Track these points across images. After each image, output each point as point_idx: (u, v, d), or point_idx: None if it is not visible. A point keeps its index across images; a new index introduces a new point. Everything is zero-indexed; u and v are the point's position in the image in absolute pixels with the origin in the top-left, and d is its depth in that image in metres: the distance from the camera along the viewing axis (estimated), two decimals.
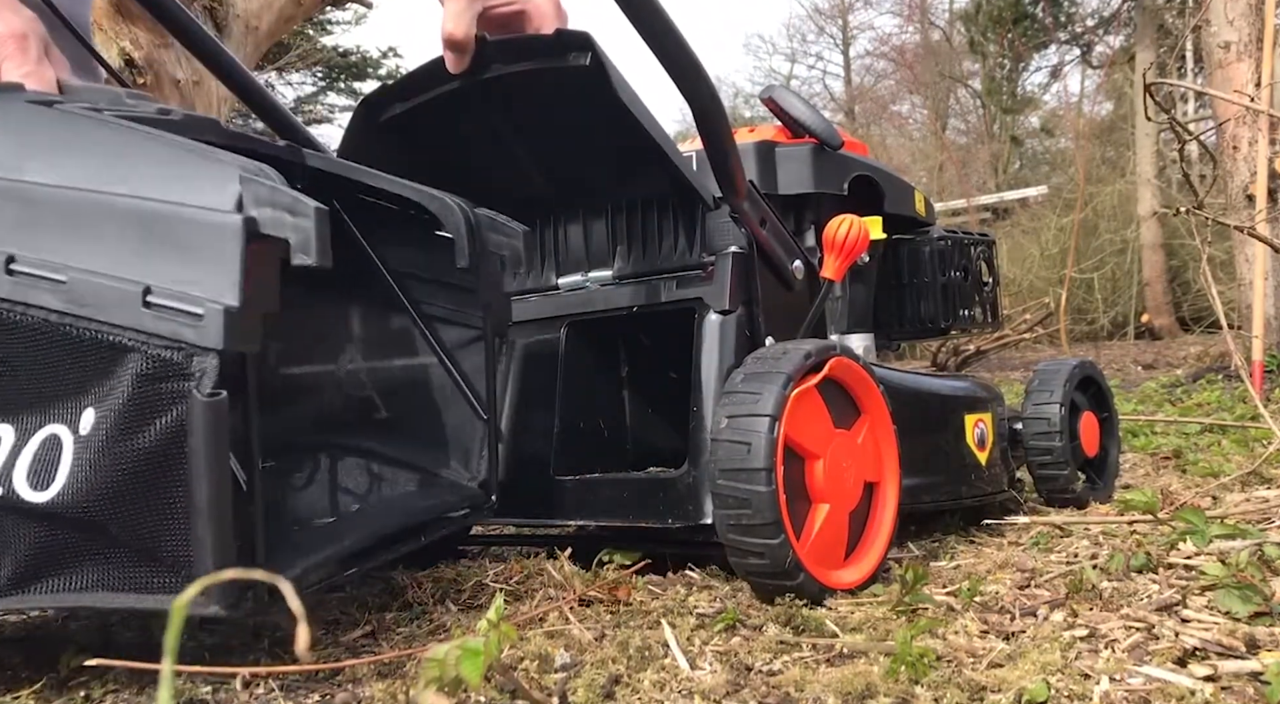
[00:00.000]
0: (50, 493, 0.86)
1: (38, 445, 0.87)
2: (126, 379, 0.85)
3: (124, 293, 0.86)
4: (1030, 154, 14.03)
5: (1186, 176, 2.24)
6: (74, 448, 0.86)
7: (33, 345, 0.87)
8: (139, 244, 0.87)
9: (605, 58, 1.19)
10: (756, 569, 1.13)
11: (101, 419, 0.86)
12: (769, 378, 1.15)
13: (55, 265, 0.87)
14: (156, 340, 0.85)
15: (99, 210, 0.88)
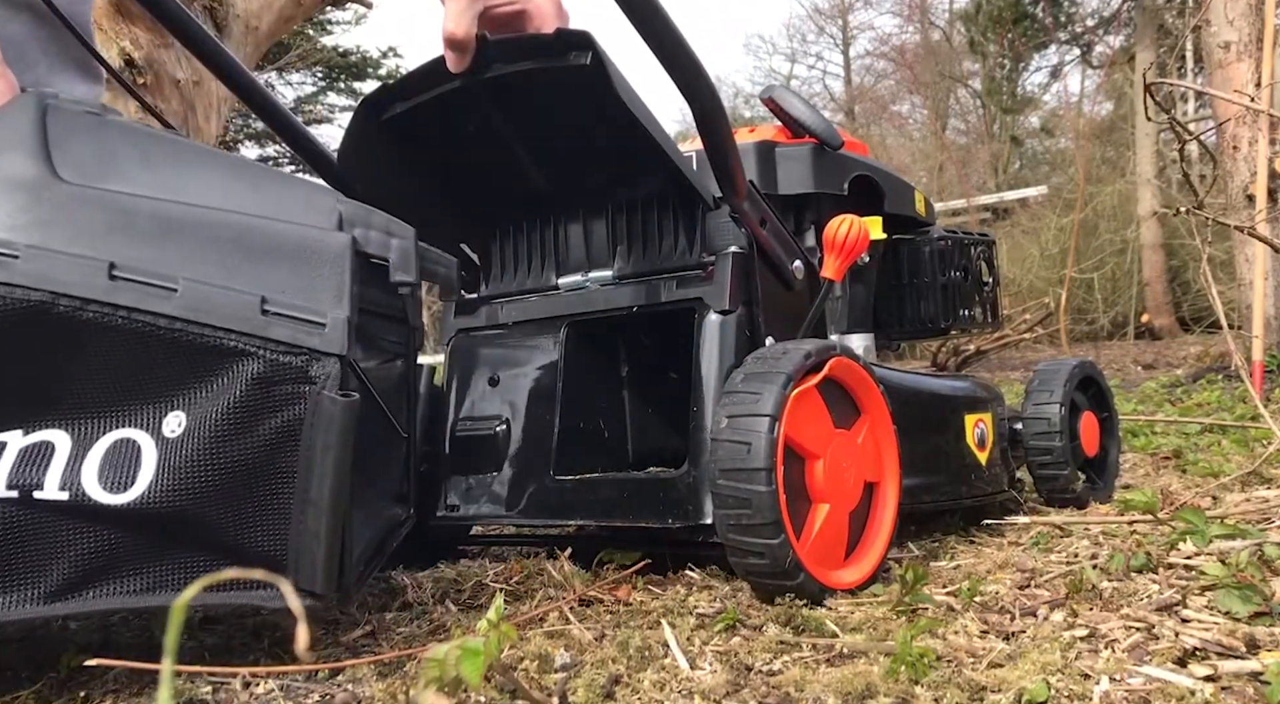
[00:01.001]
0: (130, 495, 0.87)
1: (107, 449, 0.89)
2: (237, 382, 0.90)
3: (241, 300, 0.90)
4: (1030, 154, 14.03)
5: (1186, 176, 2.24)
6: (157, 450, 0.88)
7: (113, 351, 0.89)
8: (244, 256, 0.92)
9: (606, 57, 1.19)
10: (756, 569, 1.13)
11: (198, 421, 0.89)
12: (769, 378, 1.15)
13: (163, 274, 0.89)
14: (274, 346, 0.90)
15: (201, 223, 0.92)
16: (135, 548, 0.90)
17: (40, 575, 0.88)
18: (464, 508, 1.46)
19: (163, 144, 0.98)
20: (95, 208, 0.90)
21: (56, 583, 0.89)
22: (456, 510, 1.46)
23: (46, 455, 0.88)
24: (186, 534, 0.91)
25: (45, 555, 0.88)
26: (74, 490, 0.87)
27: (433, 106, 1.35)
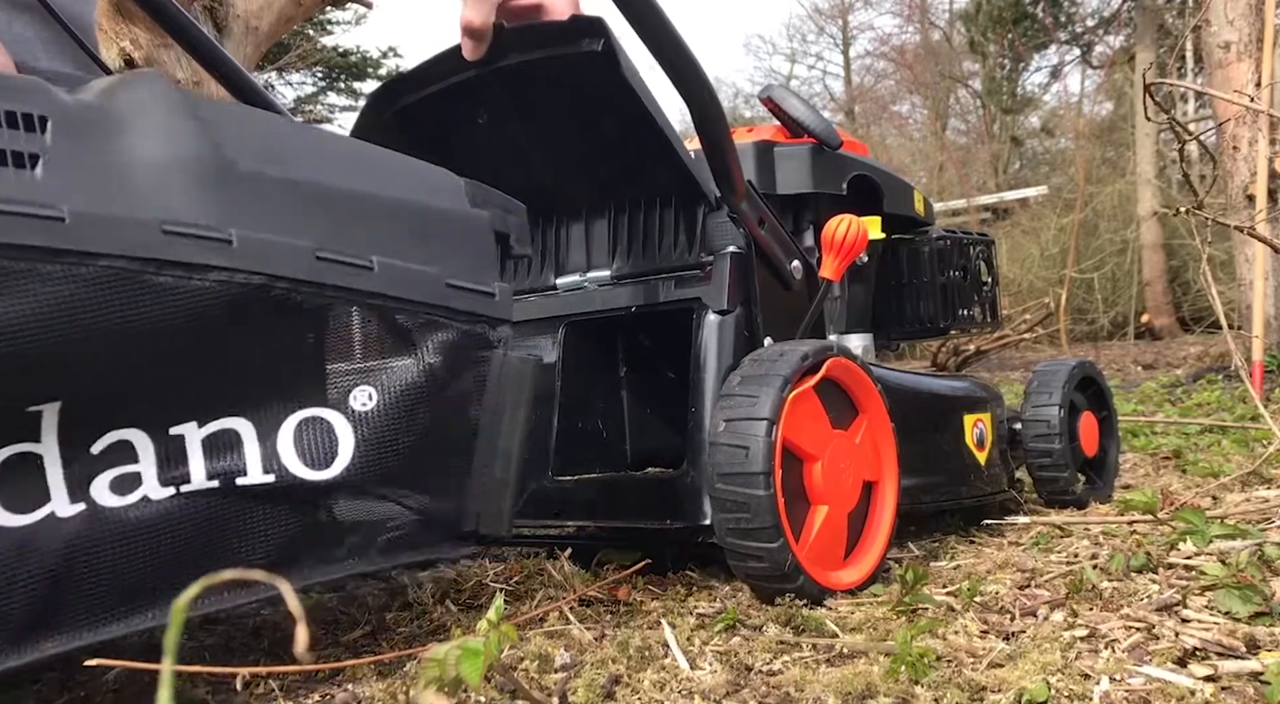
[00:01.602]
0: (335, 470, 0.91)
1: (295, 429, 0.90)
2: (426, 351, 0.97)
3: (425, 276, 0.98)
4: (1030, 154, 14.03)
5: (1186, 176, 2.23)
6: (350, 424, 0.92)
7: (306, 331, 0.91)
8: (412, 234, 0.99)
9: (618, 44, 1.19)
10: (756, 572, 1.13)
11: (390, 391, 0.94)
12: (766, 381, 1.15)
13: (357, 253, 0.94)
14: (459, 316, 0.99)
15: (369, 205, 0.98)
16: (339, 519, 0.94)
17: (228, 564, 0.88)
18: None
19: (292, 128, 1.01)
20: (279, 193, 0.92)
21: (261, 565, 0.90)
22: None
23: (234, 442, 0.88)
24: (385, 499, 0.96)
25: (249, 541, 0.89)
26: (280, 473, 0.89)
27: (444, 97, 1.35)
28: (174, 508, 0.85)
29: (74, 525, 0.80)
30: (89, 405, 0.82)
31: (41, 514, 0.79)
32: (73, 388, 0.80)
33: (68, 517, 0.80)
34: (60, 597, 0.80)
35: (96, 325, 0.79)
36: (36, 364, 0.78)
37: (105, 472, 0.82)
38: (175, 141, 0.88)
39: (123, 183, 0.83)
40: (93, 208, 0.81)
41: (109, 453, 0.83)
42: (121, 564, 0.82)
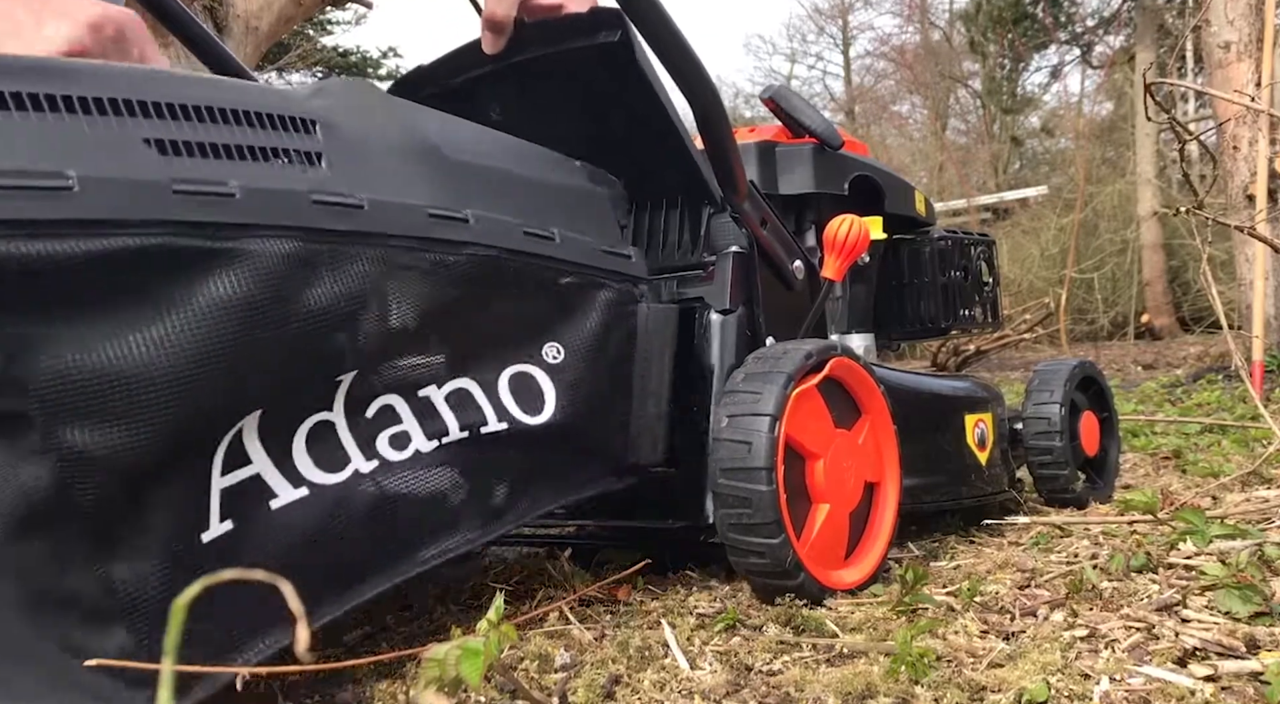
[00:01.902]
0: (544, 415, 1.06)
1: (508, 382, 1.04)
2: (595, 307, 1.12)
3: (587, 242, 1.13)
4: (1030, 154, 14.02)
5: (1186, 176, 2.23)
6: (548, 376, 1.07)
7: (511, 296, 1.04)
8: (565, 207, 1.15)
9: (635, 36, 1.20)
10: (757, 568, 1.13)
11: (573, 345, 1.09)
12: (770, 377, 1.15)
13: (543, 225, 1.08)
14: (614, 276, 1.15)
15: (534, 183, 1.13)
16: (551, 457, 1.08)
17: (486, 501, 1.02)
18: None
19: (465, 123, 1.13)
20: (483, 178, 1.06)
21: (495, 505, 1.03)
22: None
23: (469, 399, 1.01)
24: (577, 439, 1.10)
25: (487, 483, 1.02)
26: (508, 419, 1.03)
27: (460, 92, 1.36)
28: (440, 457, 0.98)
29: (375, 478, 0.92)
30: (369, 374, 0.92)
31: (348, 472, 0.91)
32: (362, 358, 0.91)
33: (368, 472, 0.92)
34: (373, 541, 0.92)
35: (386, 301, 0.91)
36: (347, 338, 0.89)
37: (381, 431, 0.94)
38: (407, 136, 1.00)
39: (384, 174, 0.95)
40: (378, 195, 0.92)
41: (379, 416, 0.94)
42: (413, 506, 0.95)
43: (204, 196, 0.79)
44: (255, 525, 0.83)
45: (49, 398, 0.71)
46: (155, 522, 0.77)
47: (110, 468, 0.73)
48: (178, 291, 0.77)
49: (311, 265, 0.85)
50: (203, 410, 0.78)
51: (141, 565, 0.76)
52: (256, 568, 0.81)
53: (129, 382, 0.74)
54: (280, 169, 0.86)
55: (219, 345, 0.78)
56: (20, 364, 0.70)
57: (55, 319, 0.71)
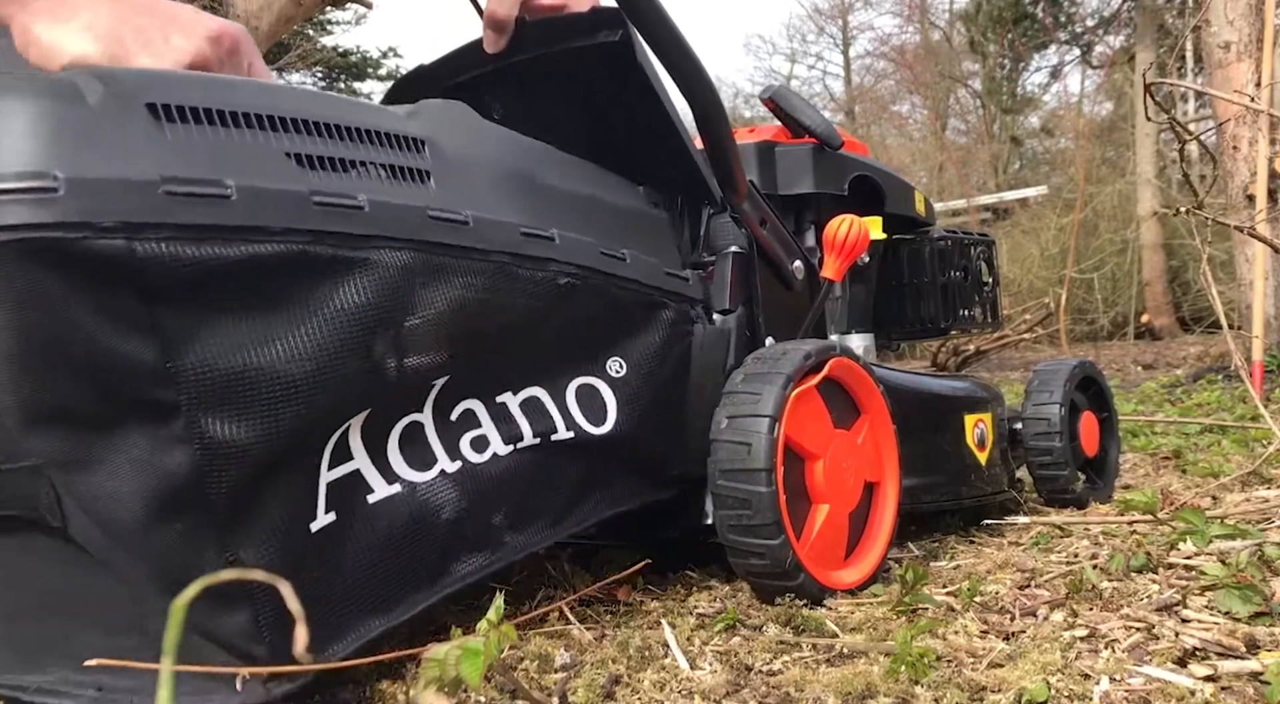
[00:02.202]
0: (607, 426, 1.11)
1: (575, 393, 1.09)
2: (657, 325, 1.17)
3: (651, 263, 1.18)
4: (1030, 154, 14.02)
5: (1186, 176, 2.23)
6: (611, 389, 1.12)
7: (582, 312, 1.09)
8: (637, 234, 1.20)
9: (635, 35, 1.20)
10: (757, 570, 1.13)
11: (634, 360, 1.14)
12: (769, 378, 1.15)
13: (616, 246, 1.14)
14: (673, 296, 1.20)
15: (614, 210, 1.20)
16: (610, 467, 1.13)
17: (552, 505, 1.07)
18: None
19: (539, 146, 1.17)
20: (564, 200, 1.12)
21: (559, 509, 1.08)
22: None
23: (540, 406, 1.06)
24: (634, 450, 1.15)
25: (555, 487, 1.08)
26: (575, 428, 1.08)
27: (461, 91, 1.35)
28: (515, 461, 1.03)
29: (459, 479, 0.98)
30: (455, 380, 0.97)
31: (435, 471, 0.96)
32: (454, 364, 0.96)
33: (452, 471, 0.98)
34: (457, 536, 0.97)
35: (481, 311, 0.97)
36: (444, 343, 0.94)
37: (464, 434, 0.99)
38: (499, 158, 1.07)
39: (481, 193, 1.01)
40: (480, 213, 0.98)
41: (461, 419, 0.99)
42: (491, 507, 1.00)
43: (337, 208, 0.85)
44: (354, 517, 0.89)
45: (196, 390, 0.76)
46: (275, 510, 0.82)
47: (243, 458, 0.79)
48: (311, 296, 0.83)
49: (423, 276, 0.91)
50: (323, 409, 0.84)
51: (263, 550, 0.81)
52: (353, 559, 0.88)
53: (266, 379, 0.80)
54: (398, 185, 0.93)
55: (342, 349, 0.85)
56: (175, 357, 0.76)
57: (208, 317, 0.78)
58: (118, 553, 0.79)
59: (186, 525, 0.78)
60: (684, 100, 1.25)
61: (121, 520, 0.77)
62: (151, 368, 0.75)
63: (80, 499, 0.77)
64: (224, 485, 0.78)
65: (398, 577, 0.92)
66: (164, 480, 0.77)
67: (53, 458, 0.77)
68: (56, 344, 0.73)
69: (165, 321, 0.75)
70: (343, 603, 0.87)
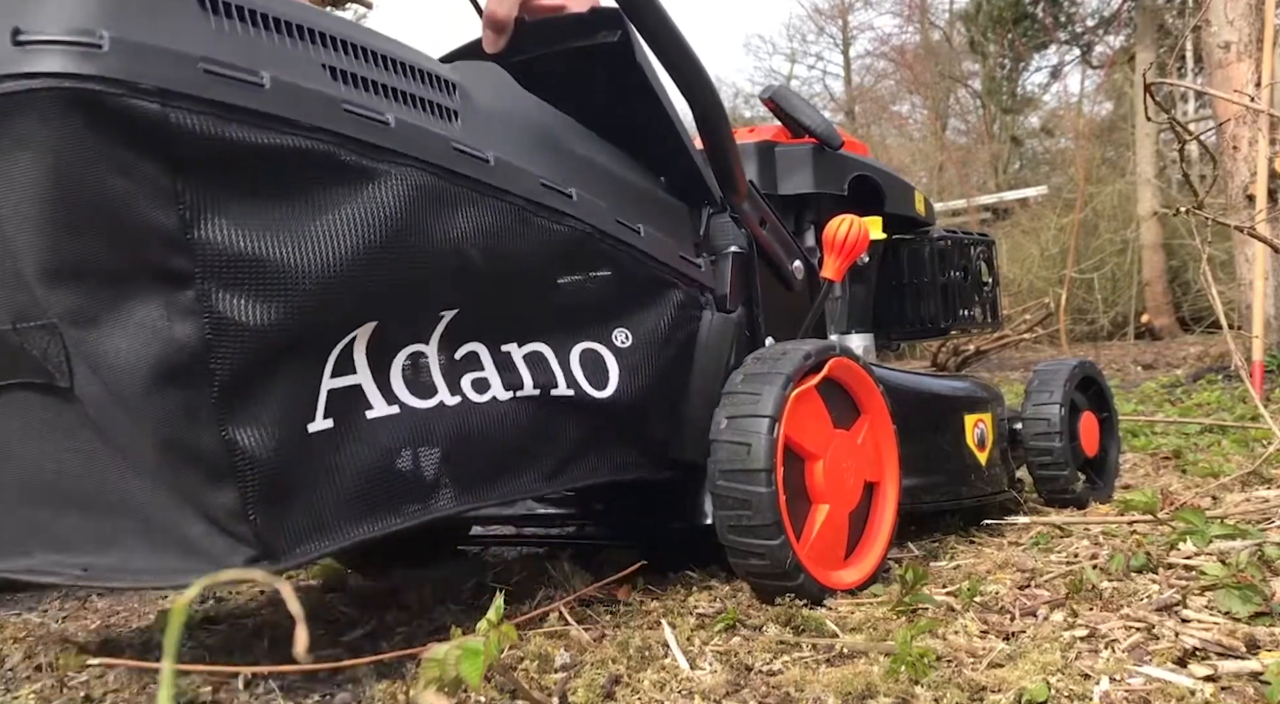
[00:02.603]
0: (608, 391, 1.13)
1: (579, 356, 1.11)
2: (667, 305, 1.20)
3: (668, 244, 1.22)
4: (1030, 154, 14.01)
5: (1186, 176, 2.23)
6: (614, 357, 1.14)
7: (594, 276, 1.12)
8: (656, 215, 1.23)
9: (634, 36, 1.20)
10: (757, 570, 1.13)
11: (640, 334, 1.16)
12: (768, 379, 1.15)
13: (632, 218, 1.17)
14: (686, 280, 1.23)
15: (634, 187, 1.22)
16: (607, 433, 1.14)
17: (545, 458, 1.08)
18: None
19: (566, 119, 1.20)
20: (585, 166, 1.15)
21: (553, 465, 1.09)
22: None
23: (543, 361, 1.08)
24: (634, 421, 1.17)
25: (551, 440, 1.09)
26: (575, 387, 1.10)
27: None
28: (513, 408, 1.05)
29: (457, 415, 1.00)
30: (463, 317, 1.00)
31: (434, 401, 0.98)
32: (464, 299, 0.99)
33: (451, 406, 0.99)
34: (448, 468, 0.98)
35: (495, 249, 1.00)
36: (456, 275, 0.97)
37: (466, 374, 1.01)
38: (525, 116, 1.12)
39: (506, 142, 1.04)
40: (503, 156, 1.02)
41: (465, 360, 1.02)
42: (486, 445, 1.02)
43: (366, 120, 0.89)
44: (351, 429, 0.91)
45: (211, 263, 0.79)
46: (274, 400, 0.84)
47: (249, 339, 0.81)
48: (330, 196, 0.87)
49: (442, 202, 0.96)
50: (330, 307, 0.87)
51: (258, 435, 0.83)
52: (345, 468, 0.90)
53: (278, 266, 0.83)
54: (426, 116, 0.97)
55: (354, 252, 0.88)
56: (195, 228, 0.79)
57: (231, 196, 0.81)
58: (118, 417, 0.82)
59: (187, 396, 0.80)
60: (684, 100, 1.25)
61: (125, 383, 0.79)
62: (171, 234, 0.78)
63: (89, 358, 0.80)
64: (228, 363, 0.80)
65: (385, 495, 0.93)
66: (171, 348, 0.79)
67: (68, 314, 0.79)
68: (85, 198, 0.76)
69: (189, 192, 0.78)
70: (330, 506, 0.89)
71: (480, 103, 1.05)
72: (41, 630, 1.28)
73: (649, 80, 1.22)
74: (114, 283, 0.79)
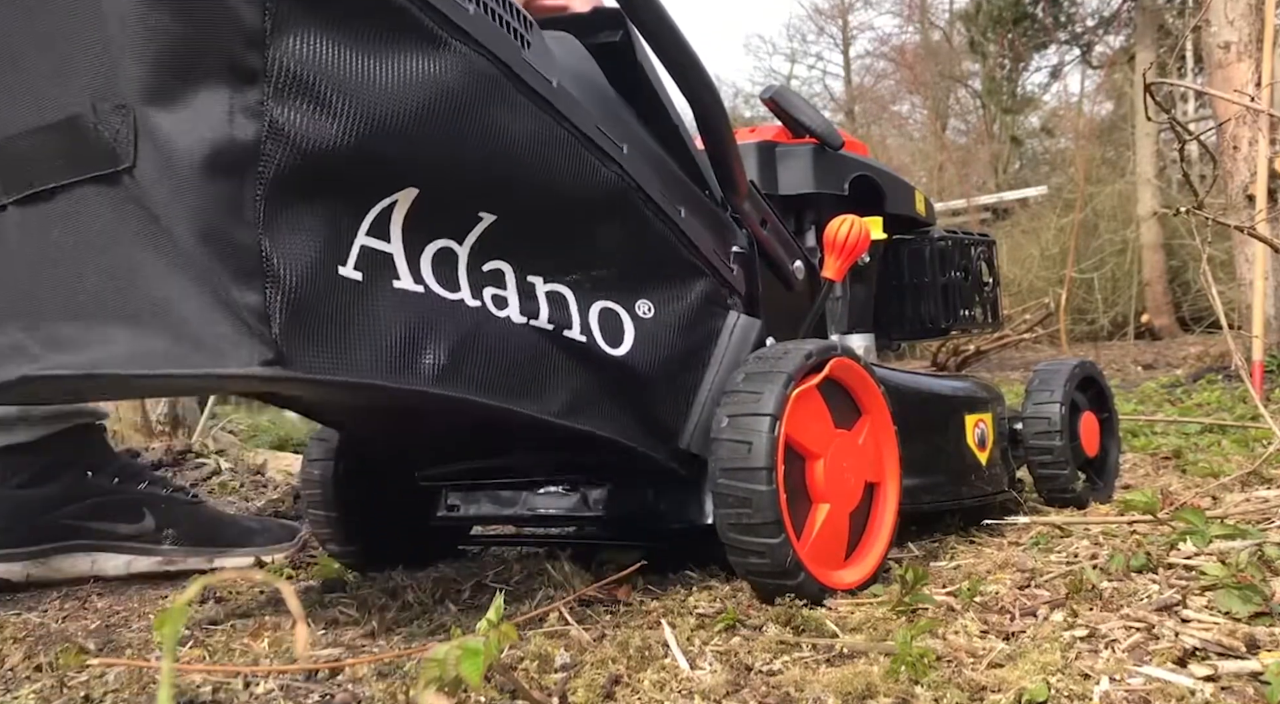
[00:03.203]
0: (621, 350, 1.15)
1: (599, 312, 1.13)
2: (692, 291, 1.22)
3: (705, 234, 1.25)
4: (1030, 154, 14.02)
5: (1186, 176, 2.23)
6: (633, 323, 1.16)
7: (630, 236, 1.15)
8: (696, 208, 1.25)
9: (636, 35, 1.20)
10: (756, 568, 1.13)
11: (662, 310, 1.19)
12: (770, 377, 1.15)
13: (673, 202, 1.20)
14: (716, 274, 1.26)
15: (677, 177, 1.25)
16: (614, 391, 1.15)
17: (555, 394, 1.10)
18: (464, 508, 1.46)
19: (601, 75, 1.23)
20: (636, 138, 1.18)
21: (563, 403, 1.11)
22: (457, 510, 1.46)
23: (564, 302, 1.10)
24: (640, 390, 1.18)
25: (560, 379, 1.10)
26: (589, 336, 1.12)
27: None
28: (526, 333, 1.07)
29: (474, 316, 1.02)
30: (499, 227, 1.03)
31: (456, 297, 1.01)
32: (504, 208, 1.03)
33: (472, 307, 1.02)
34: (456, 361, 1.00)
35: (542, 166, 1.05)
36: (503, 178, 1.02)
37: (488, 287, 1.04)
38: (588, 72, 1.19)
39: (571, 83, 1.09)
40: (565, 85, 1.07)
41: (491, 274, 1.04)
42: (495, 354, 1.04)
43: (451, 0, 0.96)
44: (375, 289, 0.94)
45: (280, 69, 0.84)
46: (310, 229, 0.88)
47: (298, 152, 0.85)
48: (403, 50, 0.92)
49: (504, 98, 1.00)
50: (378, 156, 0.91)
51: (290, 251, 0.86)
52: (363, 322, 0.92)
53: (341, 95, 0.87)
54: (501, 31, 1.02)
55: (412, 110, 0.92)
56: (273, 32, 0.84)
57: (313, 14, 0.86)
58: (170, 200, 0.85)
59: (234, 190, 0.84)
60: (684, 100, 1.25)
61: (183, 165, 0.83)
62: (252, 32, 0.83)
63: (155, 136, 0.84)
64: (275, 170, 0.85)
65: (395, 355, 0.96)
66: (229, 141, 0.83)
67: (146, 91, 0.84)
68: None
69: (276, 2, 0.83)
70: (345, 343, 0.92)
71: (550, 45, 1.11)
72: (41, 630, 1.28)
73: (650, 80, 1.22)
74: (192, 67, 0.83)
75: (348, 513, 1.43)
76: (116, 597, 1.49)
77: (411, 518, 1.47)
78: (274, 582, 0.42)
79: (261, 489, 2.43)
